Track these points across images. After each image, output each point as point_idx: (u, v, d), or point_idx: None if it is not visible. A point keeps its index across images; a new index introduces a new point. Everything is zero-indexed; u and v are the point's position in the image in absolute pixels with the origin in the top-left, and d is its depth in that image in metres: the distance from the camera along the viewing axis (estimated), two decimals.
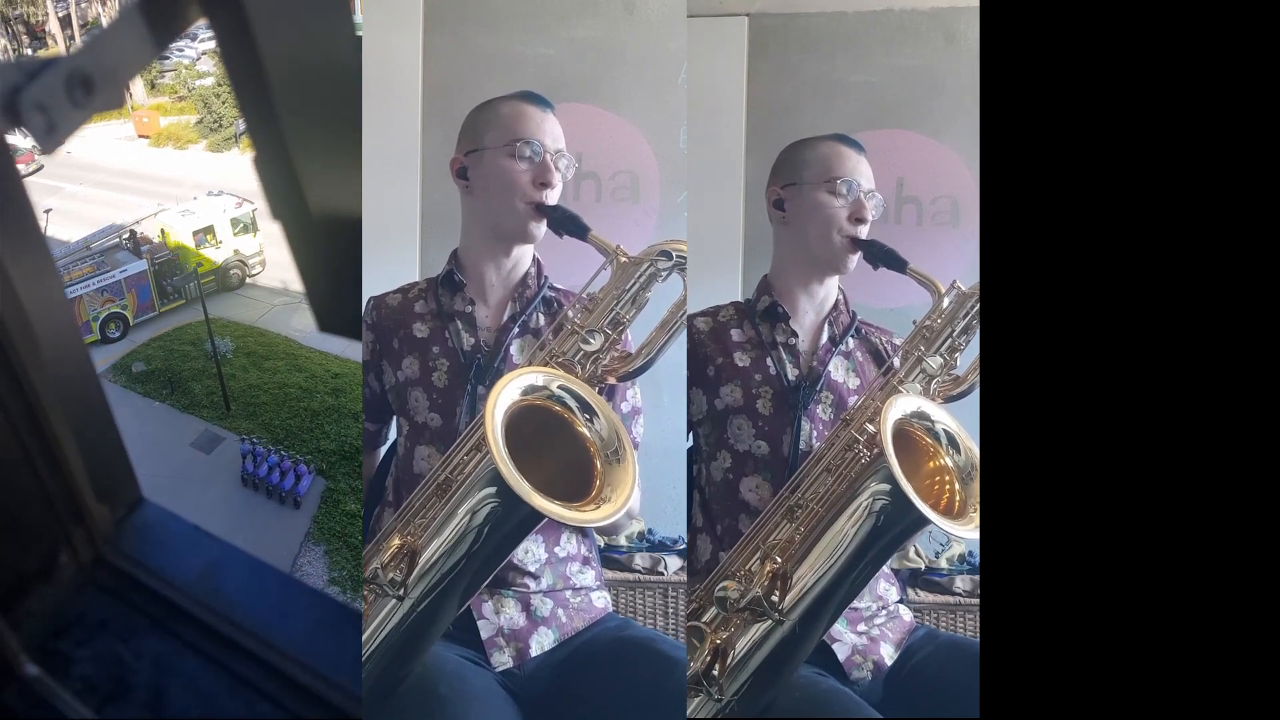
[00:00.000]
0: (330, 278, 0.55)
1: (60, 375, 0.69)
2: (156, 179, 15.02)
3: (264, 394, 10.16)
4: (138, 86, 17.68)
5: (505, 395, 1.29)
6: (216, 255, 11.95)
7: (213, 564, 0.74)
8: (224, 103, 15.88)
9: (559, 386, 1.34)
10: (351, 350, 10.26)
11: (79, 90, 0.42)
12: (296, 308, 11.37)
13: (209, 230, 11.88)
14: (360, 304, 0.60)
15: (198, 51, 18.72)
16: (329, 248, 0.53)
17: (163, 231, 12.07)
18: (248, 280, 12.20)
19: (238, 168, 14.67)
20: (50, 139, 0.41)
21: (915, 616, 1.61)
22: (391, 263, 2.06)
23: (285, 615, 0.71)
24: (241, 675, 0.67)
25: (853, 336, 1.57)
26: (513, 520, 1.30)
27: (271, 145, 0.48)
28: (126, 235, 11.90)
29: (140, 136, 16.98)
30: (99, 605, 0.72)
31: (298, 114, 0.48)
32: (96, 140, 16.38)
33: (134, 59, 0.45)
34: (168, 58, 17.23)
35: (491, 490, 1.29)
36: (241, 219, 12.04)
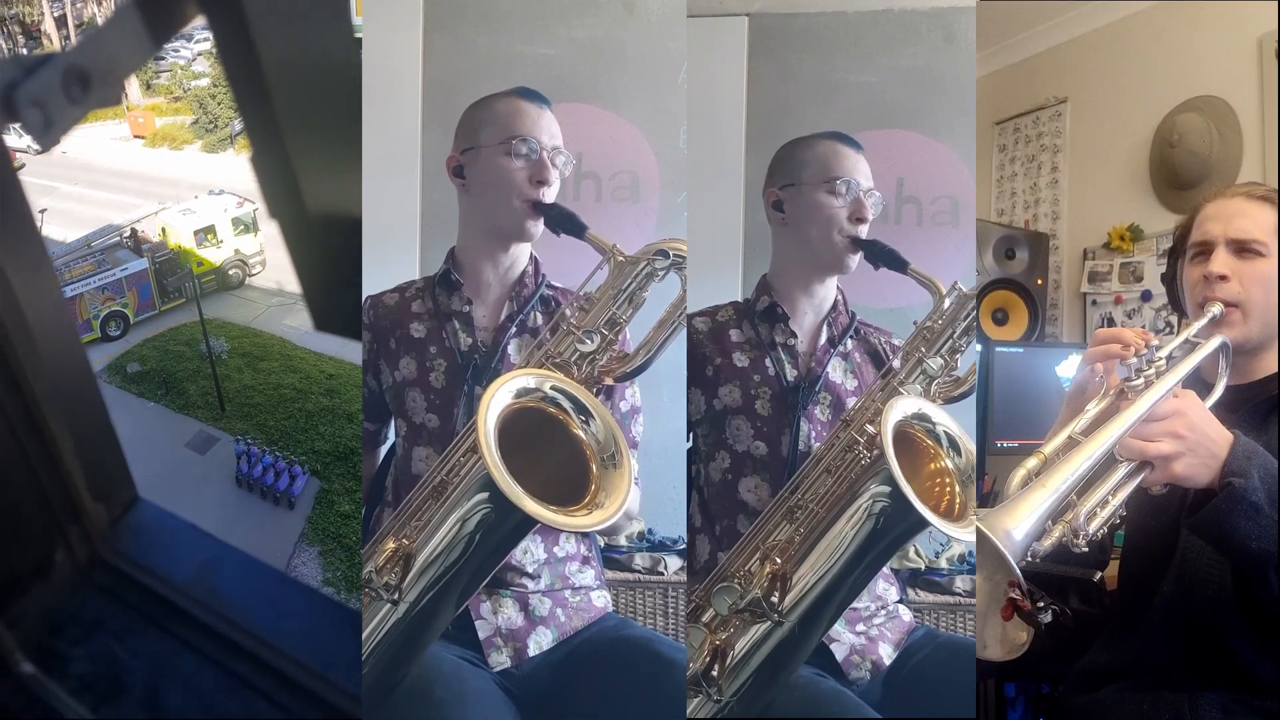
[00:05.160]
0: (327, 276, 0.55)
1: (57, 374, 0.69)
2: (152, 179, 14.92)
3: (259, 395, 10.14)
4: (133, 86, 17.65)
5: (498, 398, 1.28)
6: (217, 254, 11.94)
7: (209, 562, 0.74)
8: (219, 103, 15.86)
9: (552, 388, 1.34)
10: (347, 351, 10.25)
11: (76, 87, 0.41)
12: (291, 308, 11.34)
13: (210, 230, 11.89)
14: (357, 303, 0.60)
15: (193, 52, 18.68)
16: (326, 246, 0.53)
17: (164, 230, 12.07)
18: (248, 280, 12.20)
19: (233, 168, 14.62)
20: (47, 135, 0.41)
21: (915, 617, 1.61)
22: (391, 263, 2.05)
23: (282, 614, 0.71)
24: (238, 673, 0.66)
25: (851, 337, 1.57)
26: (506, 525, 1.29)
27: (269, 143, 0.48)
28: (128, 234, 11.90)
29: (135, 137, 16.94)
30: (95, 604, 0.72)
31: (295, 112, 0.48)
32: (92, 140, 16.32)
33: (131, 56, 0.44)
34: (164, 58, 17.20)
35: (484, 496, 1.28)
36: (242, 219, 12.04)
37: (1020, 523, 1.05)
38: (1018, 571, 1.03)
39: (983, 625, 1.12)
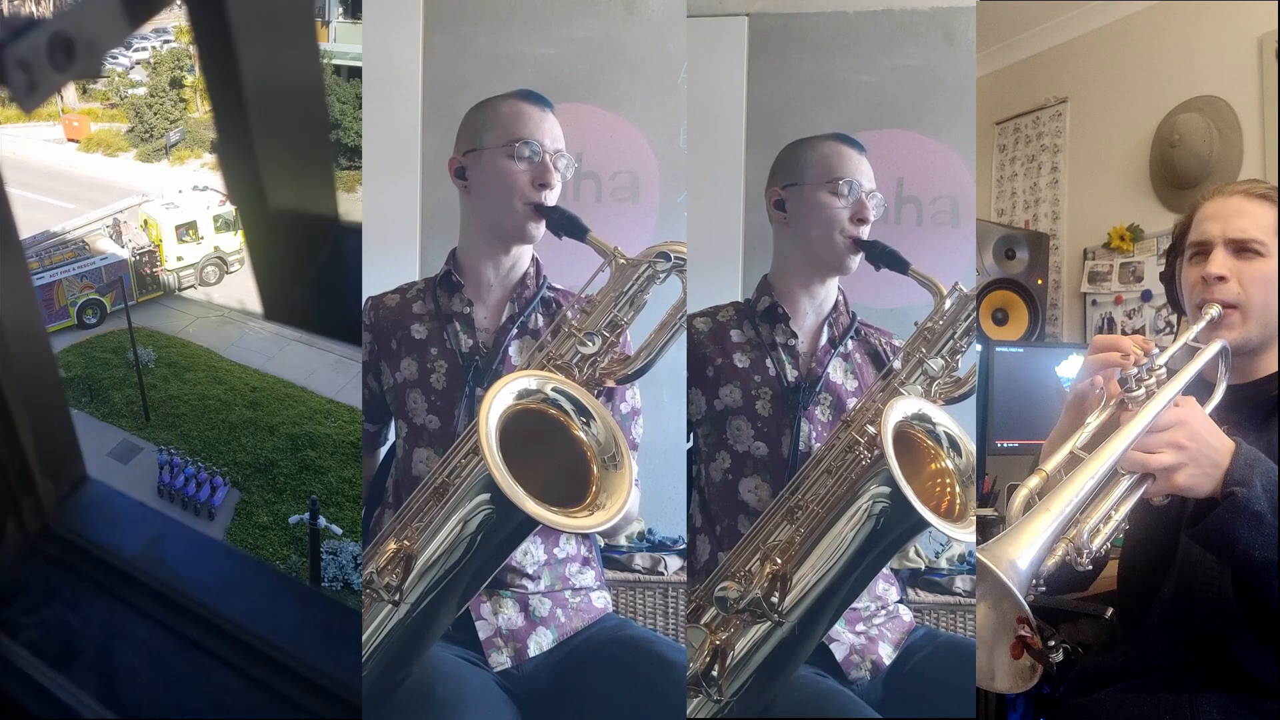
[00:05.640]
0: (279, 266, 0.57)
1: (18, 351, 0.70)
2: (84, 183, 14.75)
3: (183, 405, 10.23)
4: (69, 90, 17.43)
5: (499, 400, 1.28)
6: (197, 250, 12.02)
7: (158, 538, 0.76)
8: (155, 114, 15.79)
9: (553, 389, 1.34)
10: (271, 364, 10.46)
11: (60, 53, 0.42)
12: (221, 321, 11.46)
13: (191, 225, 11.97)
14: (304, 295, 0.61)
15: (131, 60, 18.47)
16: (281, 237, 0.55)
17: (146, 222, 12.11)
18: (226, 275, 12.25)
19: (166, 179, 14.50)
20: (30, 98, 0.41)
21: (915, 617, 1.61)
22: (391, 263, 2.06)
23: (229, 584, 0.73)
24: (189, 636, 0.68)
25: (852, 338, 1.57)
26: (507, 527, 1.29)
27: (234, 132, 0.50)
28: (110, 223, 11.94)
29: (70, 140, 16.75)
30: (46, 574, 0.73)
31: (264, 113, 0.50)
32: (24, 141, 16.08)
33: (112, 31, 0.45)
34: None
35: (485, 497, 1.28)
36: (224, 216, 12.10)
37: (1024, 551, 1.02)
38: (1026, 608, 0.99)
39: (988, 656, 1.08)
